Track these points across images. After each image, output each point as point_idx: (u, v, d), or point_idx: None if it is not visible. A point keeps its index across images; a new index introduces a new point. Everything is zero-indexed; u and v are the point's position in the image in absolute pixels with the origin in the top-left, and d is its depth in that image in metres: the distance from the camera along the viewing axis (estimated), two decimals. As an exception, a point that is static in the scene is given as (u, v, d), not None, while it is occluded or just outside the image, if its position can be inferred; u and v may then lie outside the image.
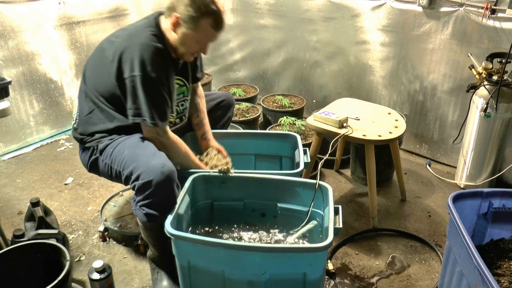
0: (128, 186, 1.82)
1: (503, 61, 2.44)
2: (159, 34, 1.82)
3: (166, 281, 1.92)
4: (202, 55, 2.07)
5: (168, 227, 1.55)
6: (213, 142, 2.20)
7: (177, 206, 1.69)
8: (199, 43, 1.85)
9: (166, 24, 1.84)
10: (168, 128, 1.86)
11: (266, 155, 2.35)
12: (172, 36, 1.83)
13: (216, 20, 1.79)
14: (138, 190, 1.71)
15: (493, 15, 2.57)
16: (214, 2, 1.77)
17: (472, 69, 2.58)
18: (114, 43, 1.83)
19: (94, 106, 1.89)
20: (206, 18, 1.77)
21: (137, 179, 1.70)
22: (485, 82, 2.52)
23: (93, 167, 1.95)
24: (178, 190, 1.75)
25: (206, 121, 2.20)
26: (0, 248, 1.83)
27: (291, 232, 1.87)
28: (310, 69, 3.61)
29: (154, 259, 1.96)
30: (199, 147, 2.18)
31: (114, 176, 1.87)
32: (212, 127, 2.27)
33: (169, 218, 1.61)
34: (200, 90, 2.22)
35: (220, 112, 2.32)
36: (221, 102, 2.33)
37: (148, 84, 1.74)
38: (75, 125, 1.97)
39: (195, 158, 1.98)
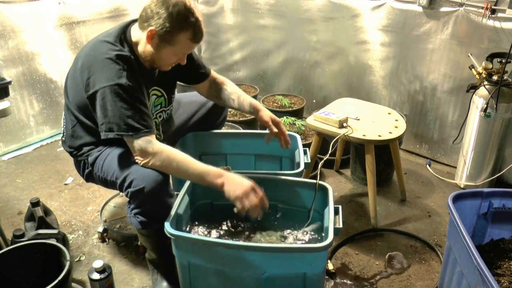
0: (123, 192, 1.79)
1: (503, 61, 2.44)
2: (126, 43, 1.72)
3: (166, 283, 1.92)
4: (197, 54, 1.99)
5: (168, 227, 1.55)
6: (263, 114, 2.03)
7: (176, 206, 1.69)
8: (176, 55, 1.74)
9: (138, 34, 1.72)
10: (152, 136, 1.66)
11: (266, 155, 2.35)
12: (147, 49, 1.70)
13: (194, 33, 1.67)
14: (131, 197, 1.68)
15: (493, 15, 2.57)
16: (192, 13, 1.64)
17: (472, 69, 2.58)
18: (81, 58, 1.73)
19: (75, 120, 1.82)
20: (185, 32, 1.64)
21: (129, 186, 1.65)
22: (485, 82, 2.52)
23: (89, 178, 1.93)
24: (172, 199, 1.70)
25: (244, 95, 2.06)
26: (0, 248, 1.83)
27: (292, 232, 1.86)
28: (310, 69, 3.61)
29: (152, 261, 1.96)
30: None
31: (110, 185, 1.82)
32: (208, 128, 2.27)
33: (169, 218, 1.61)
34: (220, 78, 2.09)
35: (216, 112, 2.29)
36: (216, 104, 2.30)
37: (118, 93, 1.60)
38: (63, 138, 1.93)
39: (198, 162, 1.70)
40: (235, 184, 1.66)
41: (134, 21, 1.79)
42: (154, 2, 1.64)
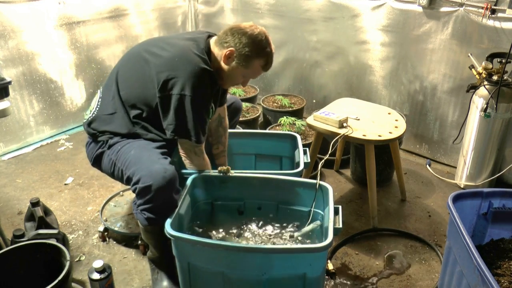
0: (128, 186, 1.82)
1: (503, 61, 2.44)
2: (208, 58, 1.83)
3: (166, 282, 1.93)
4: None
5: (168, 228, 1.55)
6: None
7: (178, 206, 1.69)
8: (244, 78, 1.91)
9: (216, 51, 1.85)
10: (203, 148, 1.89)
11: (266, 155, 2.35)
12: (222, 66, 1.85)
13: (267, 61, 1.86)
14: (139, 194, 1.72)
15: (493, 15, 2.57)
16: (269, 44, 1.84)
17: (472, 69, 2.58)
18: (159, 57, 1.82)
19: (119, 109, 1.89)
20: (260, 59, 1.83)
21: (137, 182, 1.70)
22: (485, 82, 2.52)
23: (97, 161, 1.96)
24: (179, 195, 1.74)
25: (225, 153, 2.23)
26: (0, 248, 1.83)
27: (292, 233, 1.87)
28: (310, 69, 3.61)
29: (154, 260, 1.96)
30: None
31: (116, 173, 1.87)
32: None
33: (170, 219, 1.61)
34: (226, 123, 2.22)
35: (228, 115, 2.31)
36: (230, 106, 2.33)
37: (196, 105, 1.76)
38: (90, 118, 1.96)
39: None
40: None
41: (211, 35, 1.93)
42: (236, 27, 1.82)
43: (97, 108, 1.96)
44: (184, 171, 1.93)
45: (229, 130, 2.29)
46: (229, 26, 1.86)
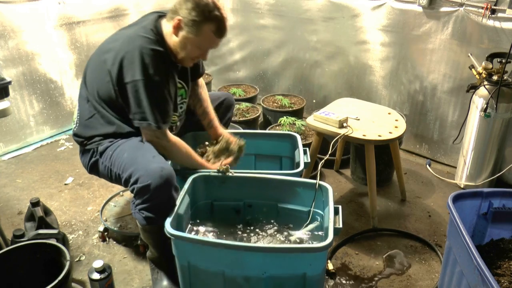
0: (128, 188, 1.82)
1: (503, 61, 2.44)
2: (159, 37, 1.80)
3: (166, 281, 1.92)
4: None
5: (168, 228, 1.55)
6: (221, 129, 2.18)
7: (177, 206, 1.69)
8: (199, 48, 1.83)
9: (167, 27, 1.81)
10: (168, 131, 1.85)
11: (266, 155, 2.35)
12: (173, 40, 1.80)
13: (219, 26, 1.78)
14: (137, 193, 1.71)
15: (493, 15, 2.57)
16: (218, 8, 1.76)
17: (472, 69, 2.58)
18: (113, 47, 1.80)
19: (94, 110, 1.87)
20: (209, 24, 1.75)
21: (135, 182, 1.69)
22: (485, 82, 2.52)
23: (93, 169, 1.95)
24: (177, 193, 1.74)
25: (211, 109, 2.17)
26: (0, 248, 1.83)
27: (292, 233, 1.87)
28: (310, 69, 3.61)
29: (153, 260, 1.96)
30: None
31: (114, 178, 1.86)
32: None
33: (169, 218, 1.61)
34: (201, 80, 2.18)
35: (220, 113, 2.31)
36: (222, 103, 2.32)
37: (151, 88, 1.72)
38: (75, 129, 1.96)
39: (198, 157, 1.97)
40: None
41: (163, 15, 1.86)
42: None
43: (78, 117, 1.95)
44: (183, 170, 1.93)
45: (229, 130, 2.29)
46: None
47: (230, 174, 1.89)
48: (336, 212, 1.68)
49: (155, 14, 1.88)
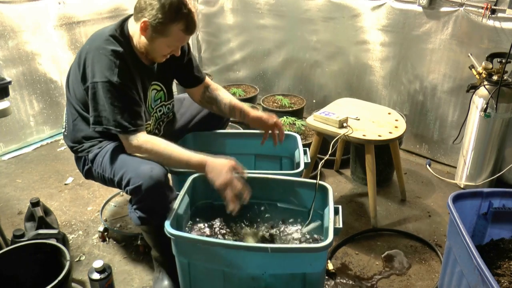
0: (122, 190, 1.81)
1: (503, 61, 2.44)
2: (122, 37, 1.73)
3: (167, 281, 1.93)
4: (197, 54, 2.01)
5: (168, 227, 1.55)
6: (255, 112, 2.09)
7: (176, 206, 1.69)
8: (169, 47, 1.76)
9: (134, 27, 1.74)
10: (140, 133, 1.72)
11: (266, 155, 2.34)
12: (142, 40, 1.72)
13: (187, 24, 1.68)
14: (131, 194, 1.72)
15: (493, 15, 2.57)
16: (185, 5, 1.65)
17: (472, 69, 2.58)
18: (83, 48, 1.77)
19: (76, 113, 1.86)
20: (177, 23, 1.66)
21: (127, 184, 1.69)
22: (485, 82, 2.52)
23: (88, 175, 1.96)
24: (171, 192, 1.73)
25: (235, 100, 2.08)
26: (0, 248, 1.83)
27: (292, 233, 1.86)
28: (310, 69, 3.61)
29: (156, 258, 1.97)
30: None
31: (108, 182, 1.86)
32: (211, 128, 2.27)
33: (169, 218, 1.61)
34: (213, 83, 2.11)
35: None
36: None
37: (109, 90, 1.64)
38: (65, 133, 1.96)
39: (183, 152, 1.75)
40: (216, 173, 1.69)
41: (131, 15, 1.80)
42: None
43: (65, 122, 1.95)
44: (181, 170, 1.93)
45: (228, 131, 2.29)
46: None
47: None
48: (336, 212, 1.68)
49: (125, 16, 1.83)
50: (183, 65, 1.99)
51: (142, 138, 1.72)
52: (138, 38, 1.74)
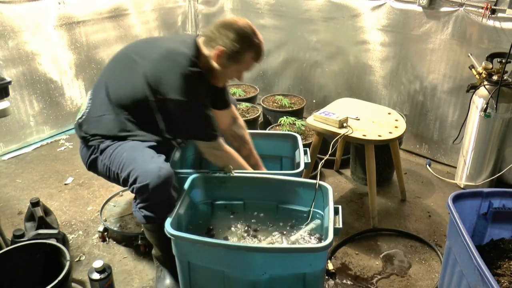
0: (127, 187, 1.82)
1: (503, 61, 2.44)
2: (198, 58, 1.82)
3: (169, 280, 1.93)
4: None
5: (168, 227, 1.56)
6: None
7: (177, 206, 1.69)
8: (238, 73, 1.91)
9: (206, 51, 1.84)
10: (222, 141, 1.91)
11: (266, 155, 2.34)
12: (213, 65, 1.84)
13: (258, 52, 1.85)
14: (137, 193, 1.73)
15: (493, 15, 2.57)
16: (256, 35, 1.83)
17: (472, 69, 2.58)
18: (148, 60, 1.81)
19: (108, 111, 1.87)
20: (250, 52, 1.82)
21: (134, 182, 1.70)
22: (485, 82, 2.52)
23: (92, 166, 1.95)
24: (176, 193, 1.75)
25: (255, 152, 2.21)
26: (0, 248, 1.83)
27: (292, 233, 1.87)
28: (310, 69, 3.61)
29: (158, 258, 1.98)
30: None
31: (112, 177, 1.86)
32: None
33: (169, 218, 1.61)
34: (241, 121, 2.22)
35: None
36: None
37: (194, 108, 1.78)
38: (80, 121, 1.94)
39: (247, 165, 2.02)
40: None
41: (197, 35, 1.91)
42: (221, 24, 1.81)
43: (87, 110, 1.93)
44: (183, 170, 1.93)
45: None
46: (213, 23, 1.85)
47: (231, 174, 1.90)
48: (336, 212, 1.68)
49: (194, 35, 1.92)
50: (219, 88, 2.05)
51: (227, 151, 1.93)
52: (206, 60, 1.84)
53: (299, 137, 2.24)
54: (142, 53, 1.84)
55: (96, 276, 1.78)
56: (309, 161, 2.08)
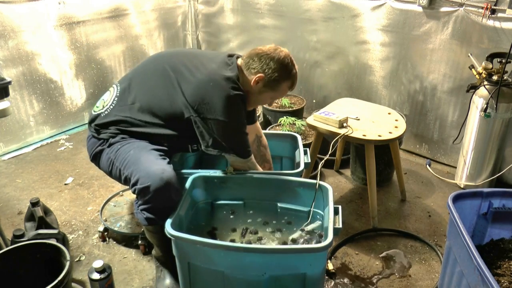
0: (128, 186, 1.82)
1: (503, 61, 2.44)
2: (238, 81, 1.86)
3: (169, 280, 1.94)
4: None
5: (169, 228, 1.56)
6: None
7: (178, 206, 1.69)
8: (271, 100, 2.02)
9: (244, 75, 1.90)
10: (253, 159, 1.98)
11: (266, 155, 2.34)
12: (251, 89, 1.90)
13: (293, 82, 1.95)
14: (138, 194, 1.73)
15: (493, 15, 2.57)
16: (294, 66, 1.92)
17: (472, 69, 2.58)
18: (190, 79, 1.84)
19: (134, 115, 1.88)
20: (287, 81, 1.92)
21: (136, 183, 1.71)
22: (485, 82, 2.52)
23: (95, 157, 1.95)
24: (178, 195, 1.75)
25: (271, 165, 2.27)
26: (0, 248, 1.83)
27: (292, 233, 1.87)
28: (310, 69, 3.61)
29: (158, 258, 1.98)
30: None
31: (114, 173, 1.87)
32: None
33: (170, 219, 1.61)
34: (264, 140, 2.26)
35: None
36: None
37: (234, 129, 1.86)
38: (102, 114, 1.93)
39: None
40: None
41: (238, 57, 1.97)
42: (263, 52, 1.88)
43: (111, 107, 1.94)
44: (184, 171, 1.93)
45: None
46: (253, 50, 1.91)
47: (231, 174, 1.90)
48: (336, 212, 1.68)
49: (234, 56, 1.96)
50: None
51: (253, 161, 1.99)
52: (245, 83, 1.90)
53: (299, 137, 2.24)
54: (183, 72, 1.87)
55: (96, 276, 1.78)
56: (309, 161, 2.08)
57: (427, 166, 3.07)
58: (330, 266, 2.10)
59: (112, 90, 2.00)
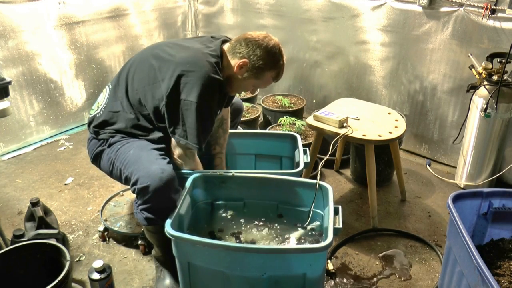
0: (128, 186, 1.82)
1: (503, 61, 2.44)
2: (220, 66, 1.83)
3: (169, 280, 1.94)
4: None
5: (168, 228, 1.56)
6: (221, 163, 2.26)
7: (178, 206, 1.69)
8: (254, 87, 1.96)
9: (228, 59, 1.86)
10: (196, 154, 1.91)
11: (266, 155, 2.35)
12: (233, 74, 1.86)
13: (278, 73, 1.90)
14: (138, 194, 1.73)
15: (493, 15, 2.57)
16: (282, 57, 1.87)
17: (472, 69, 2.58)
18: (168, 61, 1.81)
19: (125, 109, 1.88)
20: (272, 71, 1.87)
21: (136, 182, 1.71)
22: (485, 82, 2.52)
23: (96, 158, 1.96)
24: (178, 195, 1.75)
25: (222, 156, 2.24)
26: (0, 248, 1.83)
27: (292, 233, 1.86)
28: (310, 69, 3.61)
29: (158, 258, 1.98)
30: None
31: (114, 173, 1.88)
32: None
33: (170, 219, 1.61)
34: (227, 125, 2.23)
35: (229, 117, 2.32)
36: (230, 107, 2.33)
37: (201, 113, 1.76)
38: (98, 115, 1.95)
39: None
40: None
41: (226, 40, 1.91)
42: (252, 38, 1.82)
43: (105, 105, 1.95)
44: (184, 171, 1.93)
45: (230, 131, 2.29)
46: (242, 34, 1.86)
47: (231, 174, 1.90)
48: (336, 212, 1.68)
49: (220, 39, 1.91)
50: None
51: (196, 160, 1.92)
52: (228, 69, 1.86)
53: (299, 137, 2.24)
54: (168, 53, 1.84)
55: (96, 276, 1.78)
56: (309, 160, 2.08)
57: (427, 166, 3.07)
58: (330, 266, 2.10)
59: (105, 91, 2.02)
